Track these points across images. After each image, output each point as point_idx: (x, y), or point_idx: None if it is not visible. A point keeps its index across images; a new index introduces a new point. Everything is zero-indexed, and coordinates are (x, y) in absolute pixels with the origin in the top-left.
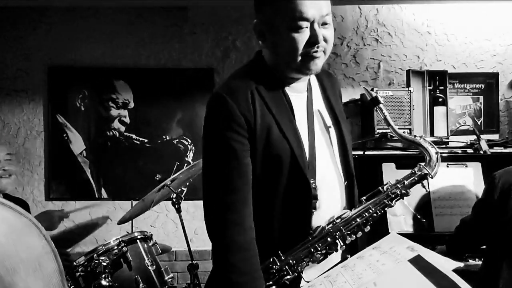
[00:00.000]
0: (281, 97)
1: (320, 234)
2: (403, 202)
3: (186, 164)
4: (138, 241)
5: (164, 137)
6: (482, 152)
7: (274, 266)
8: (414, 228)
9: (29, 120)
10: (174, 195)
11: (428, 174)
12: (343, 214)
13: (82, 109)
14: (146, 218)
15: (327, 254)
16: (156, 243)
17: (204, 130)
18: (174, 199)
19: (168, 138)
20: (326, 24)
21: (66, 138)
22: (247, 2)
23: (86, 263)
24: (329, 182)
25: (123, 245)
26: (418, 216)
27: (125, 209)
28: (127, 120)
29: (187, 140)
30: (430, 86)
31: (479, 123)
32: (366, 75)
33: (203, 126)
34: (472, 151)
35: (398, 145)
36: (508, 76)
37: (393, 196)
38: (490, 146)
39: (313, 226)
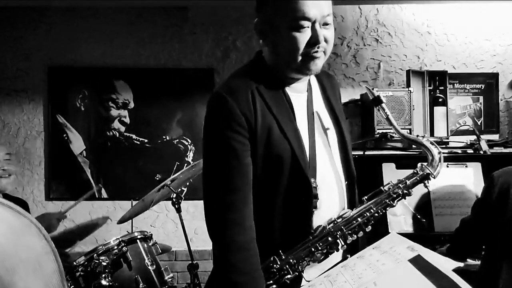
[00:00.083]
0: (281, 97)
1: (321, 234)
2: (403, 202)
3: (186, 164)
4: (138, 241)
5: (164, 137)
6: (482, 152)
7: (274, 265)
8: (414, 228)
9: (29, 120)
10: (174, 195)
11: (430, 174)
12: (344, 213)
13: (82, 109)
14: (146, 218)
15: (328, 253)
16: (156, 243)
17: (204, 130)
18: (174, 199)
19: (168, 138)
20: (327, 24)
21: (66, 138)
22: (247, 2)
23: (86, 263)
24: (329, 182)
25: (123, 245)
26: (418, 216)
27: (125, 209)
28: (127, 120)
29: (187, 140)
30: (430, 86)
31: (479, 123)
32: (366, 75)
33: (204, 126)
34: (472, 151)
35: (398, 145)
36: (508, 76)
37: (394, 196)
38: (490, 146)
39: (313, 225)
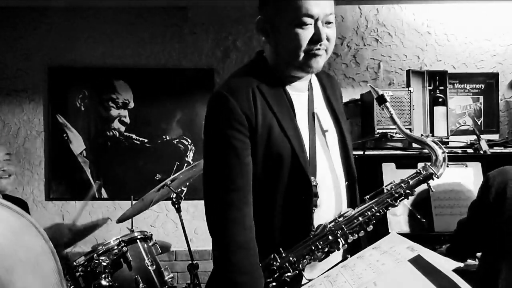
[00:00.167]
0: (282, 95)
1: (321, 232)
2: (403, 202)
3: (186, 164)
4: (138, 241)
5: (164, 137)
6: (482, 152)
7: (274, 263)
8: (414, 228)
9: (29, 120)
10: (174, 195)
11: (433, 174)
12: (346, 212)
13: (82, 109)
14: (146, 218)
15: (329, 252)
16: (156, 243)
17: (205, 129)
18: (174, 199)
19: (168, 138)
20: (330, 23)
21: (66, 138)
22: (247, 2)
23: (86, 263)
24: (329, 181)
25: (123, 245)
26: (418, 216)
27: (125, 209)
28: (127, 120)
29: (187, 140)
30: (430, 86)
31: (479, 123)
32: (366, 75)
33: (204, 125)
34: (472, 151)
35: (398, 145)
36: (508, 76)
37: (397, 195)
38: (490, 146)
39: (314, 224)
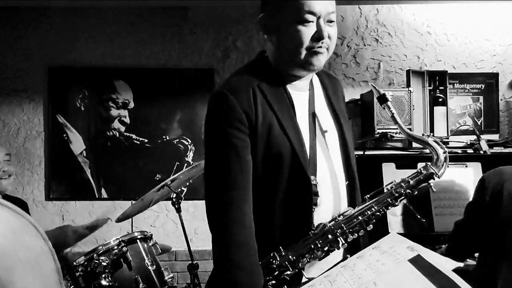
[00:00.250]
0: (282, 94)
1: (321, 231)
2: (403, 202)
3: (186, 164)
4: (138, 241)
5: (164, 137)
6: (482, 152)
7: (274, 262)
8: (414, 228)
9: (29, 120)
10: (174, 195)
11: (434, 174)
12: (345, 211)
13: (82, 109)
14: (146, 218)
15: (329, 251)
16: (156, 243)
17: (205, 127)
18: (174, 199)
19: (168, 138)
20: (331, 22)
21: (66, 138)
22: (247, 2)
23: (86, 263)
24: (330, 180)
25: (123, 245)
26: (418, 216)
27: (125, 209)
28: (127, 120)
29: (187, 140)
30: (430, 86)
31: (479, 123)
32: (366, 75)
33: (205, 123)
34: (472, 151)
35: (398, 145)
36: (508, 76)
37: (397, 195)
38: (490, 146)
39: (314, 224)
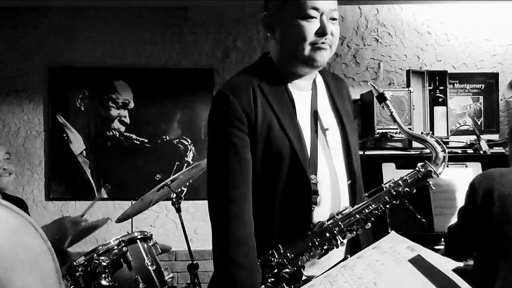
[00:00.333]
0: (283, 94)
1: (319, 229)
2: (403, 202)
3: (186, 164)
4: (138, 241)
5: (164, 137)
6: (482, 152)
7: (273, 259)
8: (414, 228)
9: (29, 120)
10: (174, 195)
11: (433, 172)
12: (344, 210)
13: (82, 109)
14: (146, 218)
15: (328, 250)
16: (156, 243)
17: (207, 127)
18: (174, 199)
19: (168, 138)
20: (334, 19)
21: (66, 138)
22: (247, 2)
23: (86, 263)
24: (330, 180)
25: (123, 245)
26: (418, 216)
27: (125, 209)
28: (127, 120)
29: (187, 140)
30: (430, 86)
31: (479, 123)
32: (366, 75)
33: (207, 123)
34: (472, 151)
35: (398, 145)
36: (508, 76)
37: (394, 193)
38: (490, 146)
39: (314, 222)
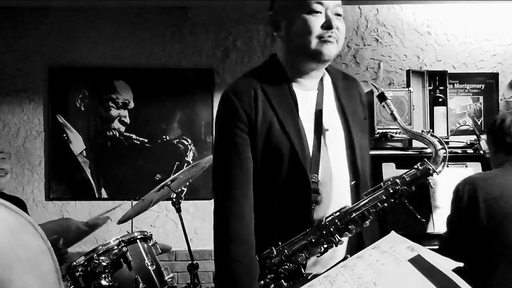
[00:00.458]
0: (286, 94)
1: (317, 227)
2: (403, 202)
3: (186, 164)
4: (138, 241)
5: (164, 137)
6: (482, 152)
7: (271, 256)
8: (414, 228)
9: (29, 120)
10: (174, 195)
11: (432, 170)
12: (342, 208)
13: (82, 109)
14: (146, 218)
15: (327, 248)
16: (156, 243)
17: (214, 127)
18: (174, 199)
19: (168, 138)
20: (339, 15)
21: (66, 138)
22: (247, 2)
23: (86, 263)
24: (332, 180)
25: (123, 245)
26: (418, 216)
27: (125, 209)
28: (127, 120)
29: (187, 140)
30: (430, 86)
31: (479, 123)
32: (366, 75)
33: (214, 123)
34: (472, 151)
35: (398, 145)
36: (508, 76)
37: (392, 191)
38: None
39: (314, 221)
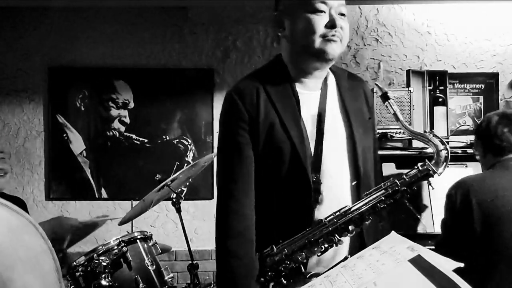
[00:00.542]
0: (289, 94)
1: (317, 227)
2: (404, 202)
3: (186, 164)
4: (138, 241)
5: (164, 137)
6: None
7: (271, 254)
8: (414, 228)
9: (29, 120)
10: (174, 195)
11: (432, 171)
12: (343, 208)
13: (82, 109)
14: (146, 218)
15: (328, 247)
16: (156, 243)
17: (218, 127)
18: (174, 199)
19: (168, 138)
20: (343, 15)
21: (66, 138)
22: (247, 2)
23: (86, 263)
24: (335, 179)
25: (123, 245)
26: (418, 215)
27: (125, 209)
28: (127, 120)
29: (187, 140)
30: (430, 86)
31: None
32: (366, 75)
33: (218, 123)
34: (472, 151)
35: (398, 145)
36: (508, 76)
37: (391, 192)
38: None
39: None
